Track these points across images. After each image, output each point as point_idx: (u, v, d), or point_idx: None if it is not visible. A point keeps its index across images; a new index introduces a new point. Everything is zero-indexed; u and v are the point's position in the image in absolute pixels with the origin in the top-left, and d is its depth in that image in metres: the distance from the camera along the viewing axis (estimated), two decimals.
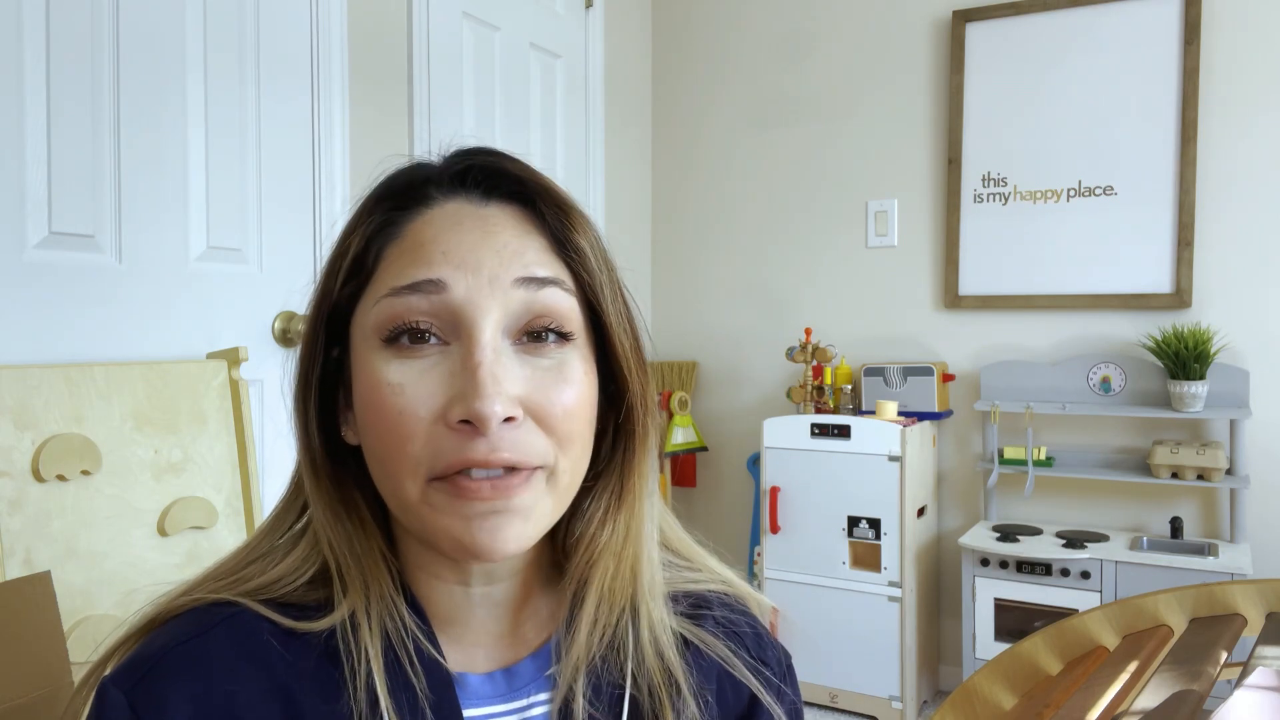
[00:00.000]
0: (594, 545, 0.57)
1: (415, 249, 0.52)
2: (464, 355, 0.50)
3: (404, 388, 0.50)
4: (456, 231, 0.52)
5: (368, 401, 0.51)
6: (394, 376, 0.50)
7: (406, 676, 0.52)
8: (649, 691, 0.56)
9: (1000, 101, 2.66)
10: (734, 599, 0.64)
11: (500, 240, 0.52)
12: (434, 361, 0.50)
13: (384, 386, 0.50)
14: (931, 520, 2.70)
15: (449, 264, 0.51)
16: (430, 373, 0.50)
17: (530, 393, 0.51)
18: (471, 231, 0.52)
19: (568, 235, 0.54)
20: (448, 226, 0.52)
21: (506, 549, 0.50)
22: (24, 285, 1.38)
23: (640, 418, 0.57)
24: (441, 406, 0.49)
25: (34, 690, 0.92)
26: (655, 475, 0.60)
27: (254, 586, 0.54)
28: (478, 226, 0.52)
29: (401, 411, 0.49)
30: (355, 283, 0.54)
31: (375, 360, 0.51)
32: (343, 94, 1.93)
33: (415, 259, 0.51)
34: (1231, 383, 2.37)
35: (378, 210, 0.55)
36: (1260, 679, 1.12)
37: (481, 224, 0.53)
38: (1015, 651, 1.35)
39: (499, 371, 0.49)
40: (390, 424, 0.50)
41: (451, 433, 0.49)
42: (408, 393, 0.50)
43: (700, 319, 3.15)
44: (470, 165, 0.55)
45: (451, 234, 0.52)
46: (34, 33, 1.39)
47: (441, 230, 0.52)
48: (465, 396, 0.48)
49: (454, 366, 0.50)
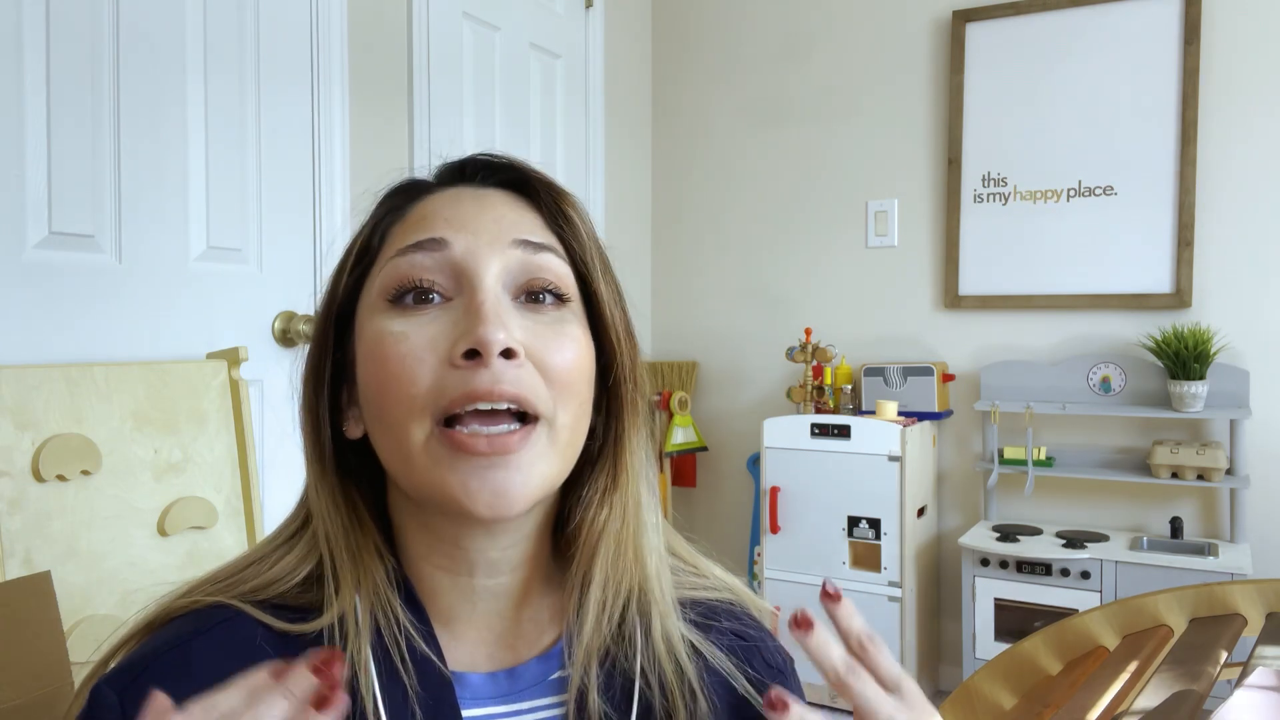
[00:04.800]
0: (594, 528, 0.58)
1: (418, 220, 0.56)
2: (467, 301, 0.52)
3: (408, 335, 0.51)
4: (456, 203, 0.56)
5: (371, 355, 0.52)
6: (397, 327, 0.52)
7: (400, 676, 0.52)
8: (660, 687, 0.56)
9: (1000, 101, 2.66)
10: (740, 608, 0.64)
11: (497, 212, 0.56)
12: (437, 314, 0.52)
13: (388, 336, 0.52)
14: (931, 520, 2.70)
15: (450, 227, 0.54)
16: (434, 322, 0.52)
17: (530, 342, 0.52)
18: (471, 204, 0.56)
19: (559, 209, 0.57)
20: (448, 202, 0.56)
21: (507, 506, 0.50)
22: (24, 285, 1.38)
23: (629, 390, 0.58)
24: (446, 349, 0.51)
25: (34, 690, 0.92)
26: (652, 465, 0.61)
27: (250, 588, 0.55)
28: (475, 201, 0.56)
29: (404, 356, 0.51)
30: (361, 267, 0.57)
31: (380, 319, 0.53)
32: (343, 94, 1.93)
33: (418, 227, 0.55)
34: (1231, 383, 2.37)
35: (383, 206, 0.59)
36: (1260, 679, 1.12)
37: (479, 200, 0.57)
38: (1015, 651, 1.35)
39: (501, 311, 0.51)
40: (393, 368, 0.51)
41: (455, 370, 0.50)
42: (411, 338, 0.51)
43: (700, 319, 3.15)
44: (468, 160, 0.60)
45: (452, 205, 0.56)
46: (34, 33, 1.39)
47: (443, 205, 0.56)
48: (469, 331, 0.50)
49: (457, 315, 0.52)
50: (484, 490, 0.50)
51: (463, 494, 0.50)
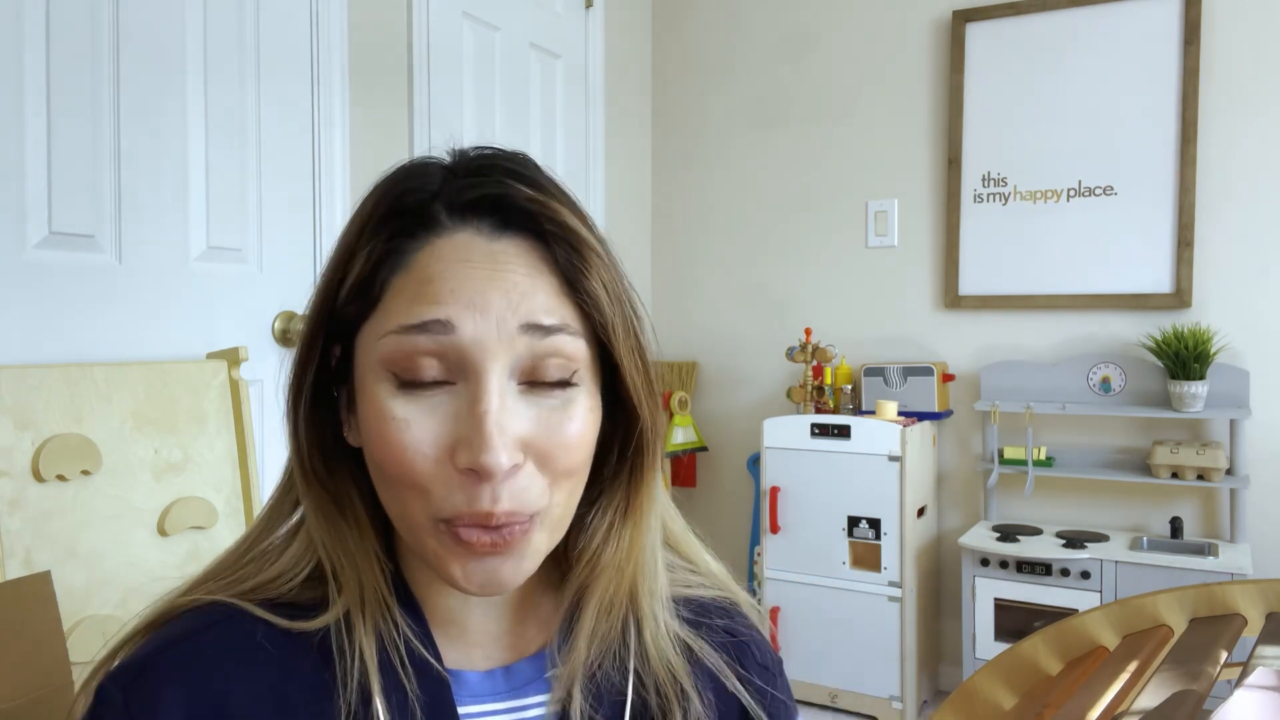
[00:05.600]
0: (597, 560, 0.57)
1: (423, 284, 0.51)
2: (471, 400, 0.50)
3: (410, 424, 0.50)
4: (465, 268, 0.51)
5: (373, 431, 0.51)
6: (400, 412, 0.50)
7: (399, 677, 0.52)
8: (655, 690, 0.57)
9: (1000, 101, 2.66)
10: (731, 605, 0.64)
11: (509, 281, 0.51)
12: (440, 401, 0.50)
13: (390, 421, 0.50)
14: (931, 520, 2.70)
15: (457, 302, 0.50)
16: (436, 412, 0.50)
17: (534, 432, 0.51)
18: (480, 268, 0.51)
19: (579, 280, 0.53)
20: (455, 261, 0.51)
21: (500, 588, 0.52)
22: (24, 285, 1.38)
23: (649, 444, 0.57)
24: (447, 447, 0.50)
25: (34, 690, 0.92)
26: (661, 486, 0.61)
27: (251, 586, 0.55)
28: (486, 263, 0.51)
29: (406, 448, 0.50)
30: (360, 304, 0.53)
31: (381, 392, 0.51)
32: (343, 94, 1.93)
33: (422, 294, 0.51)
34: (1231, 383, 2.37)
35: (382, 233, 0.53)
36: (1260, 679, 1.12)
37: (490, 260, 0.51)
38: (1015, 651, 1.35)
39: (504, 420, 0.49)
40: (396, 459, 0.50)
41: (457, 476, 0.50)
42: (413, 430, 0.50)
43: (700, 319, 3.15)
44: (482, 195, 0.53)
45: (459, 270, 0.51)
46: (34, 33, 1.39)
47: (449, 265, 0.51)
48: (472, 445, 0.49)
49: (460, 409, 0.50)
50: (478, 574, 0.51)
51: (460, 577, 0.51)
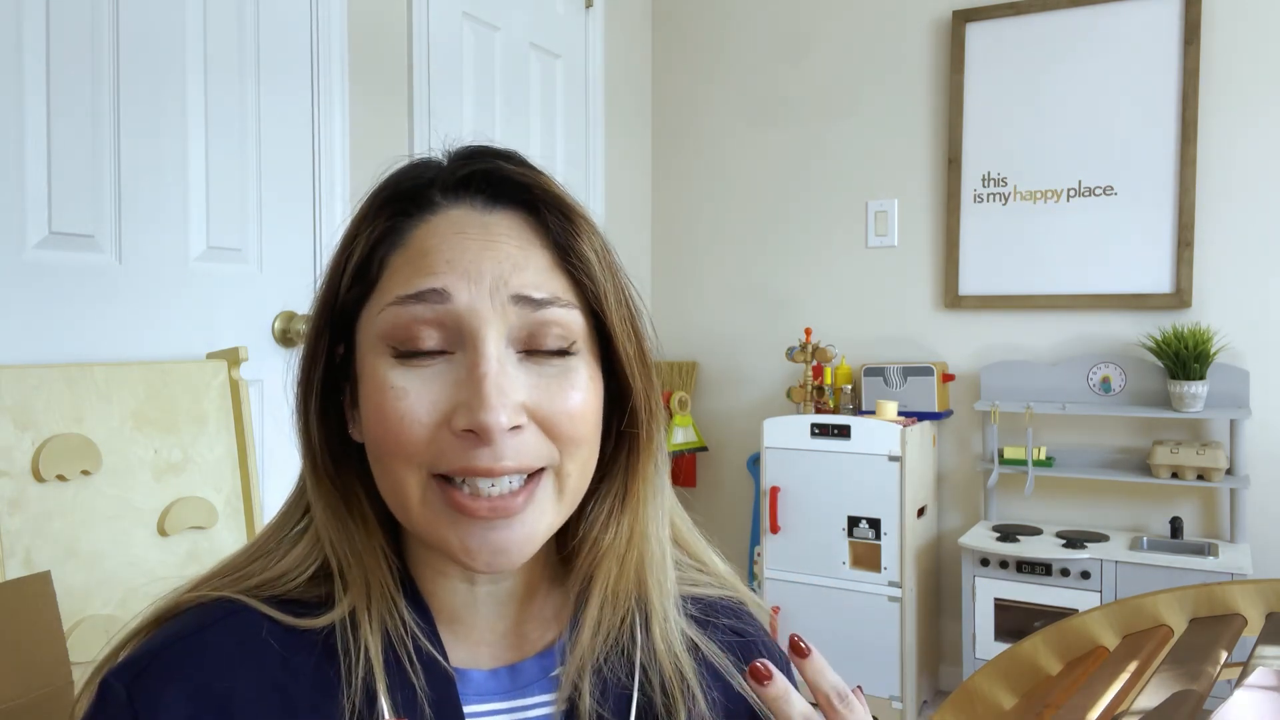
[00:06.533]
0: (597, 548, 0.58)
1: (419, 257, 0.52)
2: (469, 365, 0.50)
3: (408, 391, 0.50)
4: (459, 239, 0.52)
5: (372, 404, 0.51)
6: (398, 381, 0.51)
7: (406, 674, 0.52)
8: (661, 688, 0.57)
9: (1000, 101, 2.66)
10: (739, 606, 0.65)
11: (502, 251, 0.52)
12: (439, 370, 0.51)
13: (388, 390, 0.50)
14: (931, 520, 2.70)
15: (452, 272, 0.51)
16: (435, 380, 0.51)
17: (535, 399, 0.51)
18: (474, 239, 0.52)
19: (571, 244, 0.54)
20: (450, 234, 0.53)
21: (507, 562, 0.51)
22: (24, 285, 1.38)
23: (644, 421, 0.57)
24: (445, 412, 0.50)
25: (34, 690, 0.92)
26: (665, 475, 0.60)
27: (256, 583, 0.55)
28: (480, 234, 0.53)
29: (403, 416, 0.50)
30: (360, 288, 0.54)
31: (380, 365, 0.51)
32: (343, 94, 1.93)
33: (419, 267, 0.52)
34: (1231, 383, 2.37)
35: (381, 215, 0.55)
36: (1260, 679, 1.12)
37: (484, 232, 0.53)
38: (1015, 651, 1.35)
39: (504, 382, 0.50)
40: (392, 426, 0.50)
41: (455, 438, 0.50)
42: (411, 397, 0.50)
43: (700, 319, 3.15)
44: (474, 171, 0.55)
45: (454, 241, 0.52)
46: (34, 33, 1.39)
47: (445, 238, 0.53)
48: (470, 407, 0.49)
49: (459, 375, 0.51)
50: (484, 549, 0.51)
51: (462, 553, 0.51)
